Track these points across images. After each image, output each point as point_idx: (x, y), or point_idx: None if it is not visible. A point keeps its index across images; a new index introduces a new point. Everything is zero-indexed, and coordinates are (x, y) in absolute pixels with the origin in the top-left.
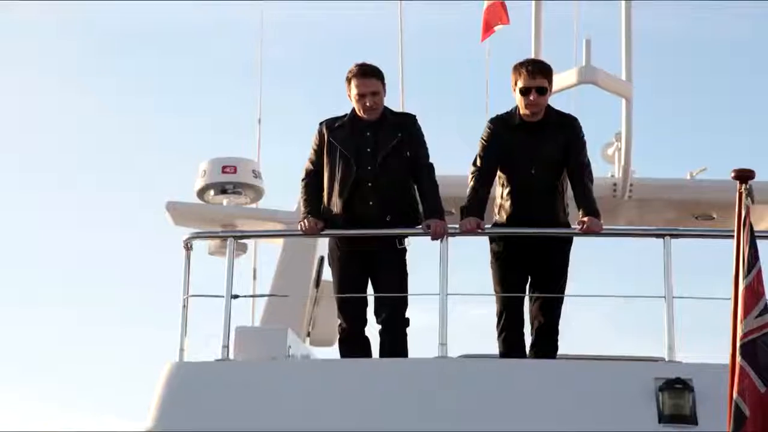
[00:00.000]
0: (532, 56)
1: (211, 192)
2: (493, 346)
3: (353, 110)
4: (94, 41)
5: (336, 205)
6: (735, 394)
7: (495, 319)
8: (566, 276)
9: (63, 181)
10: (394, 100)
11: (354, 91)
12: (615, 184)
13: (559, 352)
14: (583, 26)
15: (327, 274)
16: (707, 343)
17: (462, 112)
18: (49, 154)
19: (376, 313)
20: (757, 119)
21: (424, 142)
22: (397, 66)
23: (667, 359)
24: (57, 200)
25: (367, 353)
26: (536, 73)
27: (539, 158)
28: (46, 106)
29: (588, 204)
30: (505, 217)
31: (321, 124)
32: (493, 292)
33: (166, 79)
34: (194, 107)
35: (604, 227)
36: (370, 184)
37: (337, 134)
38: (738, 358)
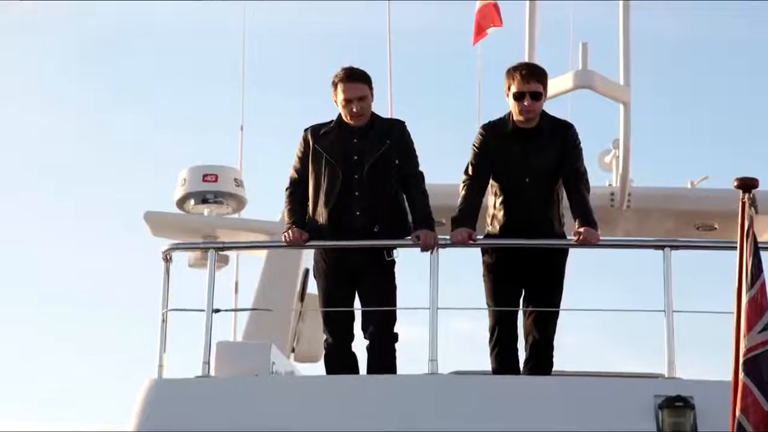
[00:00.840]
0: (526, 60)
1: (192, 201)
2: (485, 362)
3: (339, 116)
4: (70, 46)
5: (321, 215)
6: (738, 412)
7: (487, 334)
8: (561, 289)
9: (38, 191)
10: (382, 106)
11: (340, 96)
12: (613, 194)
13: (555, 368)
14: (580, 28)
15: (312, 287)
16: (709, 358)
17: (453, 118)
18: (20, 161)
19: (364, 328)
20: (762, 125)
21: (414, 150)
22: (386, 70)
23: (666, 375)
24: (32, 209)
25: (354, 370)
26: (530, 78)
27: (533, 166)
28: (21, 112)
29: (584, 214)
30: (497, 227)
31: (306, 130)
32: (486, 306)
33: (144, 83)
34: (174, 112)
35: (601, 238)
36: (357, 193)
37: (323, 141)
38: (741, 375)
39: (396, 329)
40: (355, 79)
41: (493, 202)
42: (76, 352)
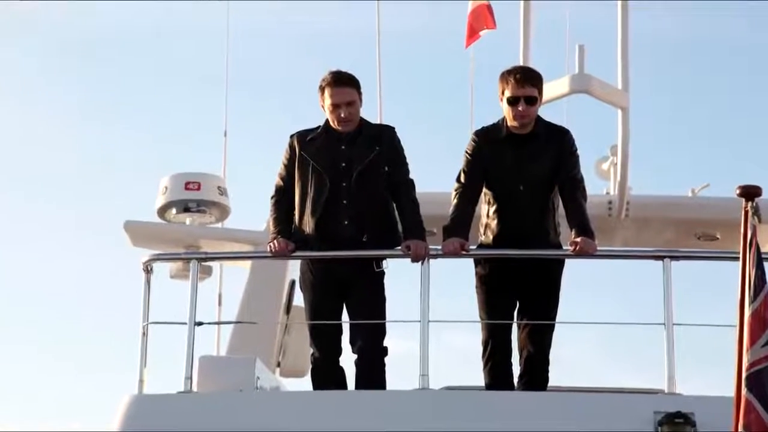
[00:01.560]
0: (521, 63)
1: (173, 210)
2: (478, 377)
3: (327, 122)
4: (47, 49)
5: (308, 225)
6: (740, 429)
7: (480, 348)
8: (557, 301)
9: (12, 201)
10: (371, 111)
11: (328, 101)
12: (610, 202)
13: (550, 383)
14: (576, 30)
15: (298, 299)
16: (710, 373)
17: (445, 124)
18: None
19: (352, 342)
20: (766, 130)
21: (404, 156)
22: (375, 73)
23: (666, 391)
24: (6, 221)
25: (342, 385)
26: (525, 82)
27: (528, 174)
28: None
29: (581, 223)
30: (491, 237)
31: (292, 136)
32: (479, 319)
33: (120, 87)
34: (154, 118)
35: (598, 248)
36: (345, 202)
37: (310, 147)
38: (743, 391)
39: (385, 343)
40: (342, 83)
41: (486, 210)
42: (55, 357)
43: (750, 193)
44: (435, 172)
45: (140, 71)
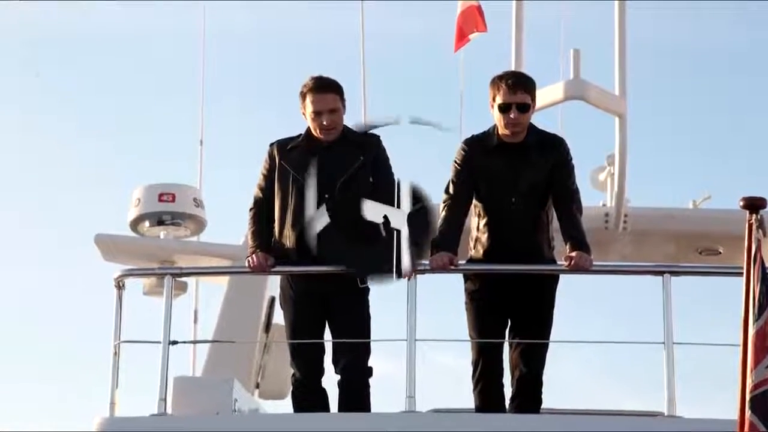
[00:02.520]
0: (513, 68)
1: (147, 223)
2: (467, 399)
3: (308, 129)
4: (9, 50)
5: (288, 238)
6: None
7: (470, 368)
8: (551, 319)
9: None
10: (355, 118)
11: (309, 107)
12: (607, 214)
13: (544, 405)
14: (571, 34)
15: (278, 316)
16: (712, 395)
17: (433, 132)
18: None
19: (334, 361)
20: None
21: (389, 166)
22: (359, 79)
23: (666, 413)
24: None
25: (324, 407)
26: (517, 88)
27: (521, 185)
28: None
29: (576, 237)
30: (481, 251)
31: (272, 145)
32: (468, 337)
33: (92, 93)
34: (127, 126)
35: (594, 263)
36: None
37: (291, 157)
38: (747, 413)
39: (370, 363)
40: (325, 89)
41: (476, 223)
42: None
43: (754, 204)
44: (422, 183)
45: (112, 75)
